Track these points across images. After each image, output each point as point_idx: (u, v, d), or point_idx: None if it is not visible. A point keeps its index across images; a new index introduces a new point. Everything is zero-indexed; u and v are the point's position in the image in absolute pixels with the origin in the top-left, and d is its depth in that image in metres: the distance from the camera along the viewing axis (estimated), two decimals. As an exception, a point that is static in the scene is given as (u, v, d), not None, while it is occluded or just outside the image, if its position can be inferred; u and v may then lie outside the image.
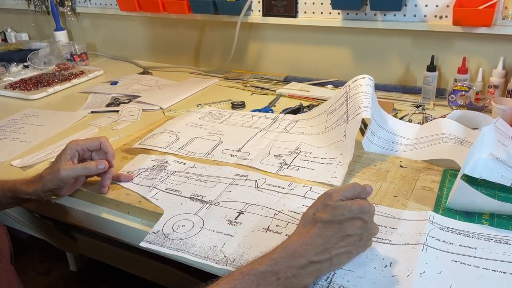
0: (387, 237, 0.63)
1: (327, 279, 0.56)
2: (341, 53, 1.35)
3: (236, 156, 0.90)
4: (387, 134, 0.94)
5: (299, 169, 0.83)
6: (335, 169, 0.82)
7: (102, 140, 0.79)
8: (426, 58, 1.17)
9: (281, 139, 0.96)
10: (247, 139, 0.97)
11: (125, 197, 0.76)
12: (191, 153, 0.92)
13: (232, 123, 1.07)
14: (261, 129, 1.02)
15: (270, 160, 0.87)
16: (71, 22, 1.86)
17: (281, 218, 0.68)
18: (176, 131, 1.02)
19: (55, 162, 0.76)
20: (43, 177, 0.74)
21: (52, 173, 0.74)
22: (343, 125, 0.90)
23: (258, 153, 0.90)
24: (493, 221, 0.66)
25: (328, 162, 0.84)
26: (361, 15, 1.25)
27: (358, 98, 0.90)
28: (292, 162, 0.86)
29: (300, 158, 0.87)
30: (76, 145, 0.77)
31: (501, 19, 1.07)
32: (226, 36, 1.49)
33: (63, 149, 0.77)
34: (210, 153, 0.91)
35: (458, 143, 0.84)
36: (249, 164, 0.86)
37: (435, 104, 1.16)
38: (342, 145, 0.87)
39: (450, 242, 0.61)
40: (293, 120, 1.05)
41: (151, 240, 0.65)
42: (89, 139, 0.79)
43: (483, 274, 0.56)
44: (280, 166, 0.84)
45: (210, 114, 1.12)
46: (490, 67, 1.15)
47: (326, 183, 0.78)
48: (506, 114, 0.98)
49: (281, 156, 0.88)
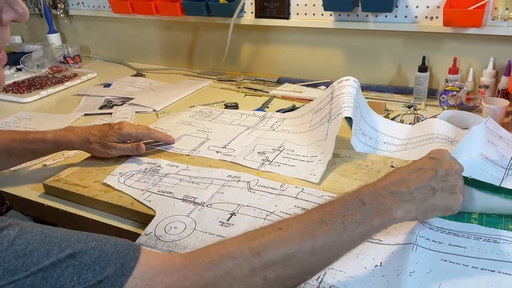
0: (377, 237, 0.63)
1: (317, 279, 0.56)
2: (333, 55, 1.36)
3: (221, 152, 0.92)
4: (378, 134, 0.94)
5: (280, 165, 0.86)
6: (314, 166, 0.84)
7: (152, 133, 0.93)
8: (418, 58, 1.18)
9: (267, 137, 0.98)
10: (234, 137, 1.00)
11: (117, 199, 0.76)
12: (178, 149, 0.95)
13: (221, 121, 1.09)
14: (248, 127, 1.05)
15: (253, 157, 0.89)
16: (64, 24, 1.85)
17: (273, 219, 0.68)
18: (165, 129, 1.04)
19: None
20: (106, 131, 0.87)
21: (115, 129, 0.87)
22: (326, 125, 0.92)
23: (242, 150, 0.92)
24: (482, 220, 0.67)
25: (308, 160, 0.87)
26: (353, 17, 1.25)
27: (341, 99, 0.92)
28: (274, 159, 0.88)
29: (283, 156, 0.89)
30: (129, 132, 0.89)
31: (491, 20, 1.09)
32: (219, 38, 1.49)
33: (118, 125, 0.89)
34: (196, 149, 0.94)
35: (448, 143, 0.85)
36: (232, 160, 0.89)
37: (426, 104, 1.16)
38: (323, 144, 0.89)
39: (440, 242, 0.62)
40: (280, 119, 1.07)
41: (143, 242, 0.65)
42: (140, 130, 0.91)
43: (472, 272, 0.56)
44: (262, 162, 0.87)
45: (201, 113, 1.15)
46: (481, 67, 1.16)
47: (305, 180, 0.80)
48: (496, 113, 0.99)
49: (264, 153, 0.91)
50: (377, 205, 0.54)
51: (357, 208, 0.53)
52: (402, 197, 0.55)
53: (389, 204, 0.54)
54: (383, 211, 0.53)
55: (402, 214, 0.54)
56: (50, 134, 0.85)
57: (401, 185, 0.56)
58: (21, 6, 0.48)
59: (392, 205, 0.54)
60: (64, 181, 0.82)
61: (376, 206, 0.53)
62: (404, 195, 0.55)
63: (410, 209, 0.55)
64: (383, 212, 0.53)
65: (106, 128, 0.88)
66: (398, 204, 0.54)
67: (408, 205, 0.55)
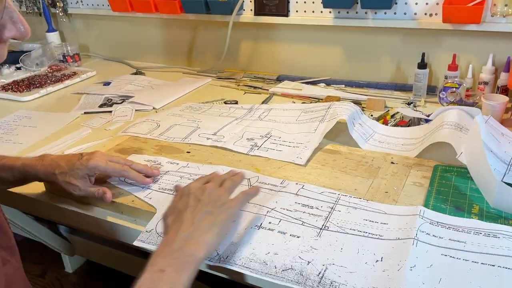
0: (378, 233, 0.64)
1: (319, 274, 0.56)
2: (333, 52, 1.36)
3: (211, 139, 0.97)
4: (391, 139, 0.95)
5: (268, 150, 0.91)
6: (300, 151, 0.89)
7: (125, 171, 0.76)
8: (417, 55, 1.18)
9: (255, 126, 1.03)
10: (223, 125, 1.04)
11: (118, 196, 0.76)
12: (170, 138, 0.99)
13: (210, 113, 1.14)
14: (237, 117, 1.09)
15: (242, 143, 0.95)
16: (63, 23, 1.85)
17: (274, 215, 0.69)
18: (157, 120, 1.10)
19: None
20: (74, 163, 0.73)
21: (83, 160, 0.73)
22: (316, 123, 0.98)
23: (232, 137, 0.98)
24: (482, 215, 0.67)
25: (295, 145, 0.92)
26: (352, 14, 1.25)
27: (339, 110, 0.97)
28: (262, 145, 0.94)
29: (270, 142, 0.95)
30: (99, 166, 0.74)
31: (490, 16, 1.09)
32: (219, 35, 1.49)
33: (87, 156, 0.74)
34: (187, 137, 0.98)
35: (457, 129, 0.84)
36: (223, 145, 0.94)
37: (426, 101, 1.17)
38: (310, 136, 0.94)
39: (440, 237, 0.62)
40: (267, 109, 1.12)
41: (144, 239, 0.65)
42: (111, 165, 0.75)
43: (472, 267, 0.56)
44: (251, 147, 0.92)
45: (190, 107, 1.19)
46: (480, 64, 1.16)
47: (292, 162, 0.86)
48: (496, 110, 0.99)
49: (252, 139, 0.96)
50: (177, 261, 0.52)
51: (160, 280, 0.50)
52: (195, 235, 0.55)
53: (190, 251, 0.53)
54: (186, 262, 0.53)
55: (205, 249, 0.55)
56: (19, 161, 0.75)
57: (186, 227, 0.56)
58: (23, 25, 0.49)
59: (193, 250, 0.54)
60: (64, 179, 0.82)
61: (177, 264, 0.52)
62: (195, 231, 0.55)
63: (209, 239, 0.55)
64: (188, 263, 0.53)
65: (75, 159, 0.74)
66: (197, 244, 0.54)
67: (205, 237, 0.55)
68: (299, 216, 0.68)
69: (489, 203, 0.70)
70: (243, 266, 0.59)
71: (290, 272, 0.57)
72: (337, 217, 0.68)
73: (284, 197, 0.73)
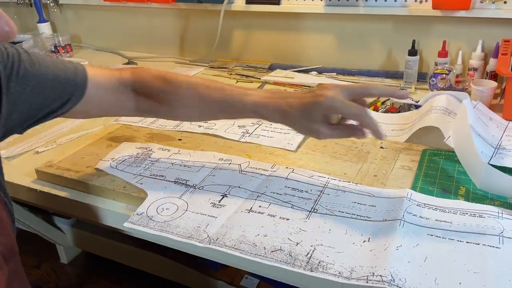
0: (366, 215, 0.65)
1: (307, 255, 0.57)
2: (324, 40, 1.36)
3: (203, 126, 0.98)
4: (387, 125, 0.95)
5: (259, 137, 0.93)
6: (291, 138, 0.91)
7: None
8: (407, 42, 1.18)
9: None
10: None
11: (110, 183, 0.77)
12: (162, 126, 1.00)
13: None
14: None
15: (234, 130, 0.96)
16: (54, 13, 1.84)
17: (264, 199, 0.70)
18: None
19: None
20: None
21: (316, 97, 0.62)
22: None
23: (223, 124, 0.99)
24: (469, 196, 0.68)
25: (286, 132, 0.94)
26: (343, 1, 1.25)
27: None
28: (254, 131, 0.95)
29: (262, 129, 0.97)
30: None
31: (480, 2, 1.09)
32: (210, 25, 1.49)
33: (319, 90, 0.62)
34: (179, 125, 1.00)
35: (446, 114, 0.85)
36: (214, 132, 0.95)
37: (416, 88, 1.17)
38: None
39: (427, 218, 0.63)
40: None
41: (135, 221, 0.66)
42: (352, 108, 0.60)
43: (457, 246, 0.58)
44: (243, 134, 0.94)
45: None
46: (470, 50, 1.17)
47: (282, 148, 0.88)
48: (485, 95, 1.00)
49: (244, 126, 0.98)
50: None
51: None
52: None
53: None
54: None
55: None
56: (250, 99, 0.67)
57: None
58: (8, 25, 0.45)
59: None
60: (56, 167, 0.83)
61: None
62: None
63: None
64: None
65: (307, 97, 0.63)
66: None
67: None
68: (289, 199, 0.69)
69: (476, 185, 0.71)
70: (233, 247, 0.60)
71: (279, 253, 0.58)
72: (326, 200, 0.69)
73: (274, 181, 0.74)
